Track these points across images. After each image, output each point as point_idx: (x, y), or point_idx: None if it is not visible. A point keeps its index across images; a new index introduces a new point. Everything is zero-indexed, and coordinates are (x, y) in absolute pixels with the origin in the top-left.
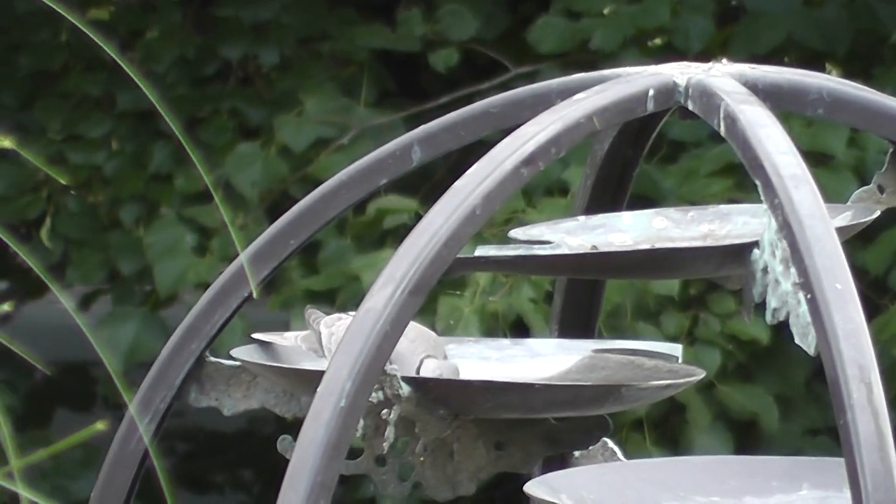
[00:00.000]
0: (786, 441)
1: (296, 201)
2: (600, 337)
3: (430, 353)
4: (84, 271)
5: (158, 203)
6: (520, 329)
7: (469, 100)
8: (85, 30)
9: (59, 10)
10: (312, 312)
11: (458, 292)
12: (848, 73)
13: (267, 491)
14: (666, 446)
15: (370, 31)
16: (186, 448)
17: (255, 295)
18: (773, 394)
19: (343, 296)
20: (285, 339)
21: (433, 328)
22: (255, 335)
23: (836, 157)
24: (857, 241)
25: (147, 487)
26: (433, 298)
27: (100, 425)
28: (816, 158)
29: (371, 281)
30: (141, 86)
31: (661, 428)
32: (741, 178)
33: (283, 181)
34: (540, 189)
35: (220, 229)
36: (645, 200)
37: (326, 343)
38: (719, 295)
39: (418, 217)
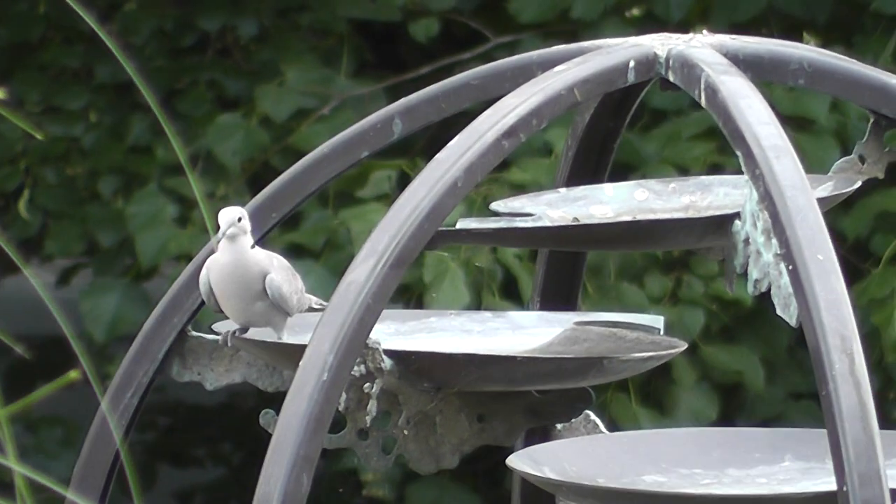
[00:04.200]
0: (769, 404)
1: (277, 172)
2: (584, 298)
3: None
4: (63, 243)
5: (137, 175)
6: (506, 284)
7: (450, 70)
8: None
9: None
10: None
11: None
12: (827, 42)
13: (247, 464)
14: (651, 407)
15: (350, 1)
16: (167, 422)
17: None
18: (757, 356)
19: (326, 256)
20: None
21: (421, 282)
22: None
23: (818, 122)
24: (836, 207)
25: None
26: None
27: (73, 374)
28: (798, 124)
29: (359, 231)
30: (118, 57)
31: (646, 389)
32: (724, 141)
33: (265, 151)
34: (520, 150)
35: (202, 200)
36: (626, 167)
37: None
38: (702, 257)
39: (403, 175)
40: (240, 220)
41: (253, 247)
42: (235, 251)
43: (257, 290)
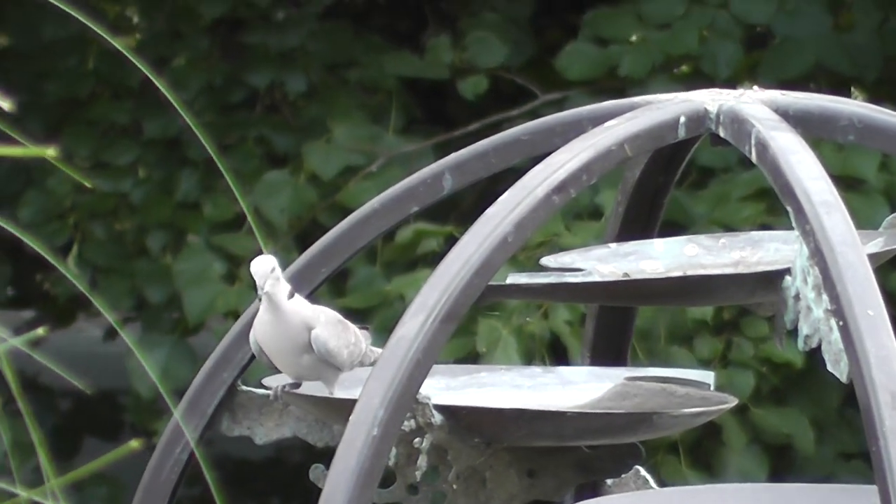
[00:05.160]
0: (819, 465)
1: (325, 229)
2: (634, 361)
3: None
4: (111, 298)
5: (185, 230)
6: (556, 350)
7: (498, 127)
8: (122, 49)
9: (92, 28)
10: None
11: (496, 313)
12: (875, 98)
13: None
14: (701, 469)
15: (398, 59)
16: (215, 476)
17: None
18: (807, 417)
19: (380, 316)
20: None
21: (473, 349)
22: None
23: (868, 181)
24: (886, 265)
25: None
26: (472, 320)
27: (134, 443)
28: (847, 183)
29: (412, 299)
30: (175, 104)
31: (696, 451)
32: (773, 202)
33: (312, 208)
34: (571, 214)
35: (248, 257)
36: (675, 227)
37: None
38: (752, 318)
39: (454, 240)
40: (272, 270)
41: (292, 295)
42: (277, 306)
43: (303, 344)
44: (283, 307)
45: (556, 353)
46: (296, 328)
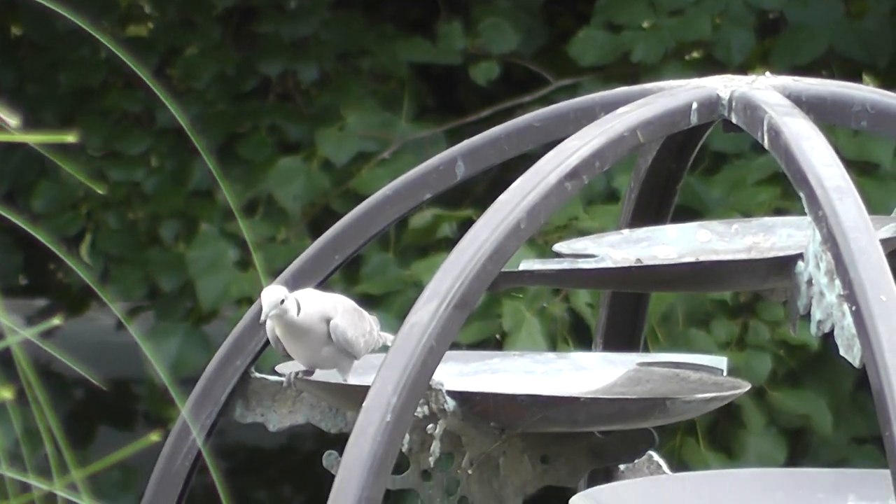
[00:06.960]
0: (834, 449)
1: (338, 215)
2: (653, 344)
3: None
4: (124, 288)
5: (198, 219)
6: (579, 331)
7: (510, 113)
8: (119, 54)
9: (95, 34)
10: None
11: (519, 295)
12: (887, 84)
13: None
14: (719, 450)
15: (411, 45)
16: (227, 465)
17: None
18: (823, 400)
19: (397, 302)
20: None
21: (499, 331)
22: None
23: (882, 166)
24: None
25: None
26: (496, 302)
27: (154, 436)
28: (862, 168)
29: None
30: (169, 107)
31: (715, 433)
32: (788, 186)
33: (325, 195)
34: (589, 197)
35: (262, 244)
36: (690, 212)
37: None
38: (768, 302)
39: (471, 223)
40: (282, 301)
41: (299, 311)
42: (289, 323)
43: (322, 336)
44: (294, 323)
45: (579, 334)
46: (313, 326)
